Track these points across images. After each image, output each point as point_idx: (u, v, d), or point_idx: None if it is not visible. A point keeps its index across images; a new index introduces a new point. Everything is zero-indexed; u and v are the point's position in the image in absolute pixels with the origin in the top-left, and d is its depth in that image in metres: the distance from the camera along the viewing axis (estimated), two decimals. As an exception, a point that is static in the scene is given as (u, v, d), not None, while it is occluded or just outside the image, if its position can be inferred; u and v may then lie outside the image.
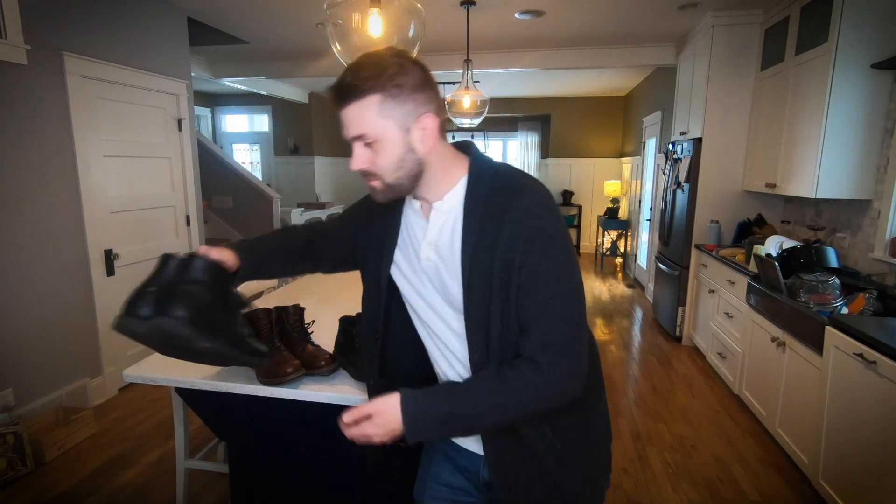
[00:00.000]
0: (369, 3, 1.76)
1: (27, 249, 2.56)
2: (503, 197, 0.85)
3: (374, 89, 0.80)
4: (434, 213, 0.91)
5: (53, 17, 2.65)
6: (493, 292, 0.83)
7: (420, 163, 0.86)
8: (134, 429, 2.70)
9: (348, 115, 0.83)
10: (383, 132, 0.82)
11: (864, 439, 1.84)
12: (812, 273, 2.41)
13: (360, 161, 0.85)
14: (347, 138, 0.85)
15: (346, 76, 0.82)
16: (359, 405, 0.86)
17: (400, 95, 0.82)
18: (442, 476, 1.05)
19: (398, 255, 0.98)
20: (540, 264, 0.81)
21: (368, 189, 0.91)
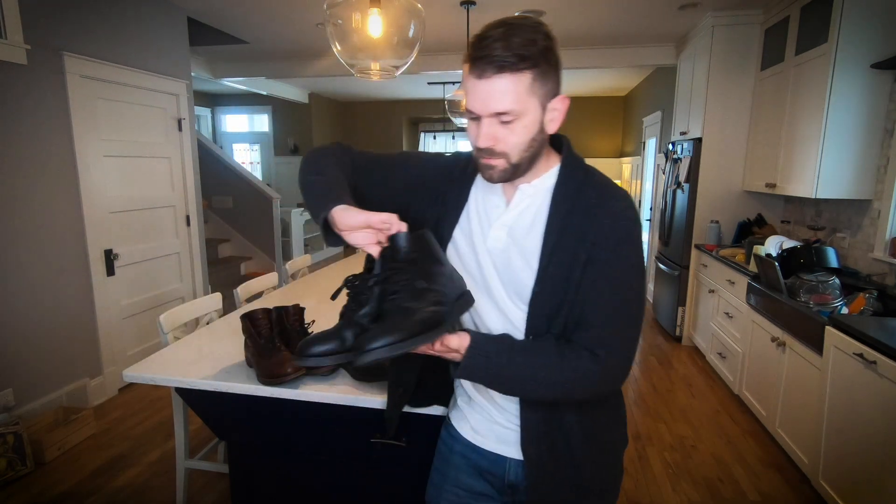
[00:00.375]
0: (369, 3, 1.76)
1: (27, 249, 2.56)
2: (595, 193, 0.85)
3: (530, 65, 0.76)
4: (518, 194, 0.89)
5: (53, 17, 2.65)
6: (570, 282, 0.83)
7: (543, 144, 0.85)
8: (134, 429, 2.70)
9: (495, 88, 0.76)
10: (527, 110, 0.79)
11: (864, 439, 1.84)
12: (812, 273, 2.41)
13: (489, 138, 0.80)
14: (480, 112, 0.79)
15: (494, 46, 0.75)
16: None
17: (548, 72, 0.79)
18: (462, 480, 1.02)
19: (457, 232, 0.95)
20: (621, 266, 0.83)
21: (482, 168, 0.86)
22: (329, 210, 0.85)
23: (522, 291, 0.87)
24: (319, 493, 1.50)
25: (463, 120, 4.18)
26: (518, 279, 0.88)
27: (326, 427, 1.41)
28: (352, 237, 0.85)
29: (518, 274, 0.87)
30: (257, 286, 2.41)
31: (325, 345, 0.80)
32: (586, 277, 0.83)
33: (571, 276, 0.83)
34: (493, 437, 0.98)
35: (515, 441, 0.95)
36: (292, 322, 1.49)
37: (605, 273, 0.83)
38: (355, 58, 1.87)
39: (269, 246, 5.72)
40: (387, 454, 1.39)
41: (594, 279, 0.83)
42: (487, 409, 0.97)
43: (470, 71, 0.79)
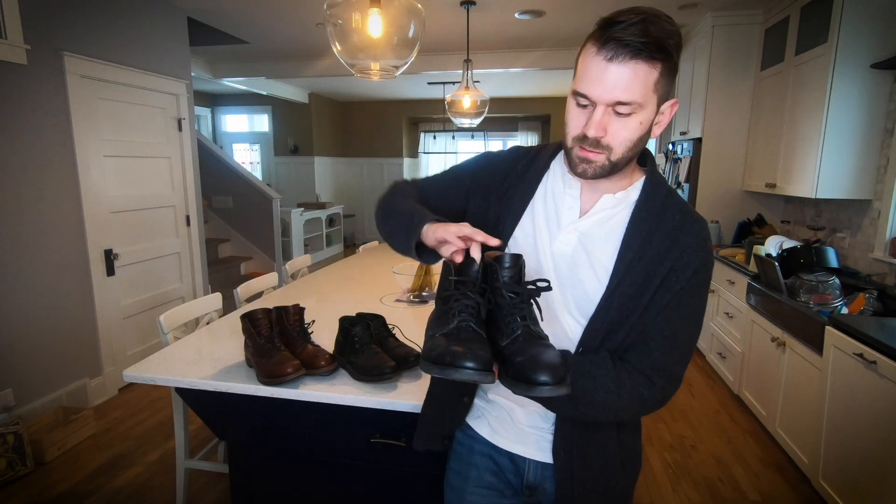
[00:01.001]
0: (369, 3, 1.75)
1: (27, 249, 2.56)
2: (679, 217, 0.83)
3: (664, 57, 0.72)
4: (602, 202, 0.86)
5: (53, 17, 2.65)
6: (638, 302, 0.81)
7: (643, 147, 0.81)
8: (134, 429, 2.70)
9: (626, 74, 0.71)
10: (646, 106, 0.75)
11: (864, 439, 1.84)
12: (812, 273, 2.40)
13: (601, 128, 0.75)
14: (599, 99, 0.74)
15: (632, 29, 0.69)
16: None
17: (672, 71, 0.75)
18: (485, 479, 1.00)
19: (518, 231, 0.91)
20: (691, 296, 0.82)
21: (576, 162, 0.80)
22: (417, 237, 0.82)
23: (583, 303, 0.84)
24: (319, 493, 1.50)
25: (463, 120, 4.18)
26: (582, 289, 0.85)
27: (326, 427, 1.41)
28: (444, 249, 0.80)
29: (583, 284, 0.84)
30: (257, 286, 2.41)
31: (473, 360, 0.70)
32: (655, 302, 0.81)
33: (641, 298, 0.81)
34: (513, 438, 0.96)
35: (535, 442, 0.94)
36: (292, 322, 1.49)
37: (676, 301, 0.81)
38: (355, 58, 1.87)
39: (269, 246, 5.72)
40: (387, 454, 1.39)
41: (664, 305, 0.81)
42: (509, 409, 0.96)
43: (598, 52, 0.73)
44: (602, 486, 0.92)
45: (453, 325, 0.75)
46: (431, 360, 0.71)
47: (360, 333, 1.40)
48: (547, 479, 0.95)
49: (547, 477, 0.95)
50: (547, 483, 0.95)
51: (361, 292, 2.31)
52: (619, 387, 0.80)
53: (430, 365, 0.71)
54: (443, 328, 0.76)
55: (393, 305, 2.09)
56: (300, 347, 1.43)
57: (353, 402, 1.28)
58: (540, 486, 0.96)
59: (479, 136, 8.60)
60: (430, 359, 0.72)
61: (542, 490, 0.96)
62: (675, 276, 0.81)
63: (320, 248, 7.36)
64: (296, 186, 7.85)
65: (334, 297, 2.24)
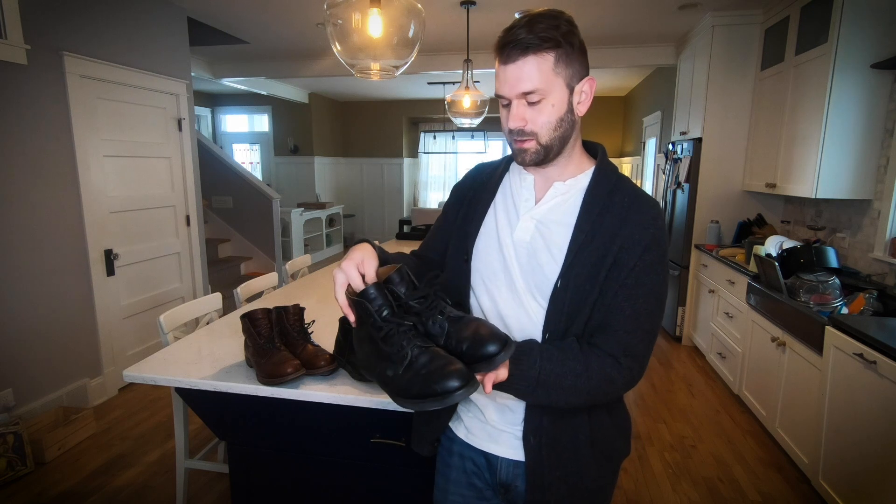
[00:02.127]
0: (369, 3, 1.75)
1: (27, 249, 2.56)
2: (627, 199, 0.88)
3: (552, 45, 0.81)
4: (552, 190, 0.92)
5: (53, 17, 2.65)
6: (594, 282, 0.85)
7: (573, 125, 0.88)
8: (134, 429, 2.70)
9: (520, 70, 0.81)
10: (553, 89, 0.83)
11: (864, 439, 1.84)
12: (812, 273, 2.41)
13: (519, 119, 0.85)
14: (508, 95, 0.84)
15: (518, 32, 0.80)
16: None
17: (571, 54, 0.83)
18: (462, 480, 1.03)
19: (482, 228, 0.98)
20: (647, 274, 0.85)
21: (516, 152, 0.89)
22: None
23: (543, 286, 0.88)
24: (319, 492, 1.50)
25: (463, 120, 4.18)
26: (541, 273, 0.88)
27: (326, 427, 1.41)
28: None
29: (542, 268, 0.88)
30: (257, 286, 2.41)
31: (454, 376, 0.75)
32: (611, 281, 0.85)
33: (596, 277, 0.84)
34: (486, 437, 0.98)
35: (507, 441, 0.96)
36: (292, 322, 1.48)
37: (633, 280, 0.84)
38: (355, 58, 1.87)
39: (269, 246, 5.72)
40: (387, 454, 1.39)
41: (620, 284, 0.84)
42: (482, 407, 0.98)
43: (497, 58, 0.84)
44: (574, 478, 0.93)
45: (411, 355, 0.78)
46: (413, 396, 0.75)
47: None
48: (518, 477, 0.96)
49: (518, 475, 0.96)
50: (519, 481, 0.97)
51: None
52: (587, 369, 0.83)
53: (420, 401, 0.75)
54: (399, 364, 0.78)
55: (393, 305, 2.09)
56: (300, 347, 1.43)
57: (353, 402, 1.28)
58: (512, 484, 0.97)
59: (479, 135, 8.60)
60: (411, 395, 0.76)
61: (514, 488, 0.98)
62: (627, 254, 0.84)
63: (320, 248, 7.36)
64: (296, 186, 7.85)
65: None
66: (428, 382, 0.74)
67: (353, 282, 0.83)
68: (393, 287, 0.82)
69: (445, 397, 0.73)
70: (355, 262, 0.85)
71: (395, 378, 0.78)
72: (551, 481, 0.92)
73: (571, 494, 0.93)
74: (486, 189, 1.01)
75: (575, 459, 0.92)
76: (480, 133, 8.53)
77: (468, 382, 0.73)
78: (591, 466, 0.93)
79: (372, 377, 0.84)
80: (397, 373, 0.78)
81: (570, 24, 0.83)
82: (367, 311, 0.80)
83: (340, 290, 0.83)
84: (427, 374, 0.75)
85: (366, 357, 0.84)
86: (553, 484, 0.92)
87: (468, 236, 0.98)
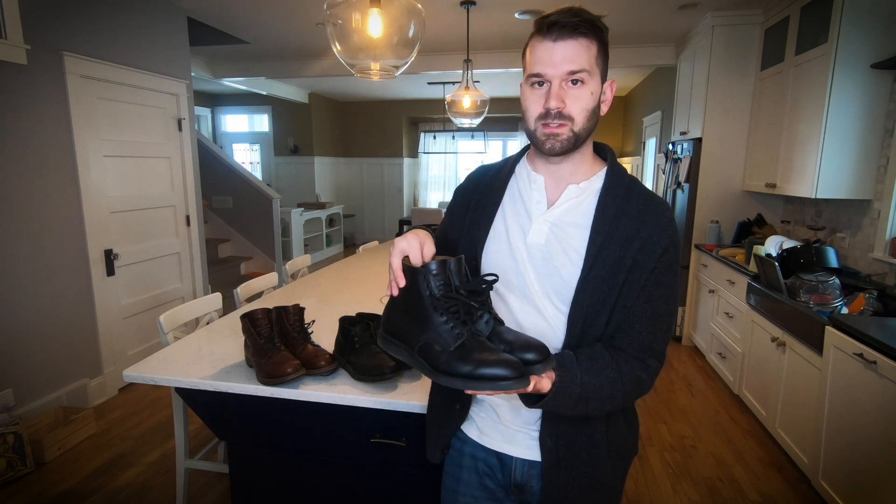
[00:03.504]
0: (369, 3, 1.75)
1: (27, 249, 2.56)
2: (642, 200, 0.89)
3: (598, 36, 0.84)
4: (566, 192, 0.91)
5: (53, 17, 2.65)
6: (613, 284, 0.85)
7: (597, 122, 0.89)
8: (134, 429, 2.70)
9: (572, 49, 0.82)
10: (594, 76, 0.84)
11: (864, 439, 1.84)
12: (812, 273, 2.41)
13: (559, 99, 0.83)
14: (553, 75, 0.83)
15: (572, 16, 0.82)
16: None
17: (605, 52, 0.87)
18: (474, 481, 1.02)
19: (491, 233, 0.97)
20: (665, 275, 0.86)
21: (543, 139, 0.86)
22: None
23: (561, 290, 0.88)
24: (319, 493, 1.50)
25: (463, 120, 4.18)
26: (559, 277, 0.88)
27: (326, 427, 1.41)
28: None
29: (560, 271, 0.88)
30: (257, 286, 2.41)
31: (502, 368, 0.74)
32: (631, 283, 0.85)
33: (614, 279, 0.85)
34: (500, 437, 0.97)
35: (522, 440, 0.95)
36: (292, 322, 1.48)
37: (654, 281, 0.85)
38: (355, 58, 1.87)
39: (269, 246, 5.72)
40: (387, 454, 1.39)
41: (641, 286, 0.85)
42: (495, 407, 0.97)
43: (544, 37, 0.83)
44: (590, 478, 0.93)
45: (467, 335, 0.78)
46: (461, 375, 0.75)
47: (360, 333, 1.40)
48: (534, 478, 0.96)
49: (534, 475, 0.96)
50: (534, 481, 0.96)
51: (361, 292, 2.31)
52: (621, 374, 0.84)
53: (466, 381, 0.74)
54: (452, 341, 0.78)
55: (393, 305, 2.09)
56: (300, 347, 1.43)
57: (353, 402, 1.28)
58: (527, 484, 0.97)
59: (479, 135, 8.60)
60: (457, 374, 0.75)
61: (529, 489, 0.97)
62: (646, 256, 0.85)
63: (320, 248, 7.36)
64: (296, 186, 7.85)
65: (334, 297, 2.24)
66: (480, 366, 0.74)
67: (413, 255, 0.84)
68: (449, 273, 0.82)
69: (496, 382, 0.72)
70: (419, 240, 0.86)
71: (442, 354, 0.77)
72: (567, 481, 0.92)
73: (586, 494, 0.93)
74: (491, 191, 0.99)
75: (590, 460, 0.92)
76: (480, 133, 8.53)
77: (521, 375, 0.73)
78: (605, 466, 0.93)
79: (400, 350, 0.83)
80: (447, 349, 0.77)
81: (606, 28, 0.87)
82: (427, 283, 0.80)
83: (398, 256, 0.83)
84: (480, 359, 0.74)
85: (404, 327, 0.83)
86: (568, 484, 0.92)
87: (476, 241, 0.96)
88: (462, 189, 1.06)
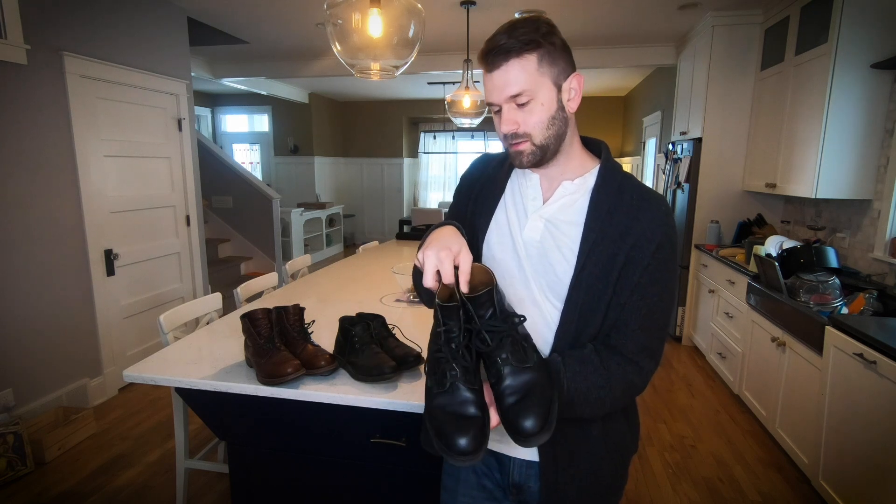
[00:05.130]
0: (369, 3, 1.75)
1: (27, 249, 2.56)
2: (636, 196, 0.88)
3: (534, 46, 0.81)
4: (560, 189, 0.92)
5: (53, 17, 2.65)
6: (607, 282, 0.85)
7: (566, 122, 0.88)
8: (134, 429, 2.70)
9: (506, 75, 0.83)
10: (540, 89, 0.83)
11: (864, 439, 1.84)
12: (812, 273, 2.40)
13: (511, 123, 0.85)
14: (498, 102, 0.85)
15: (499, 38, 0.82)
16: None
17: (554, 53, 0.84)
18: (472, 481, 1.02)
19: (493, 224, 0.97)
20: (660, 271, 0.85)
21: (512, 156, 0.89)
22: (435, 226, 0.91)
23: (556, 286, 0.88)
24: (319, 493, 1.50)
25: (463, 120, 4.18)
26: (553, 273, 0.88)
27: (326, 427, 1.41)
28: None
29: (554, 268, 0.88)
30: (257, 286, 2.41)
31: (466, 436, 0.73)
32: (625, 280, 0.85)
33: (608, 276, 0.84)
34: (497, 438, 0.97)
35: None
36: (292, 322, 1.48)
37: (648, 279, 0.84)
38: (355, 58, 1.87)
39: (269, 246, 5.72)
40: (387, 454, 1.39)
41: (635, 283, 0.84)
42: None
43: (483, 68, 0.86)
44: (588, 476, 0.93)
45: (450, 383, 0.78)
46: (431, 426, 0.76)
47: (360, 333, 1.40)
48: (531, 478, 0.96)
49: (531, 475, 0.96)
50: (532, 481, 0.96)
51: (361, 292, 2.31)
52: (610, 380, 0.83)
53: (432, 435, 0.76)
54: (439, 385, 0.78)
55: (393, 305, 2.09)
56: (300, 347, 1.43)
57: (353, 402, 1.28)
58: (525, 484, 0.97)
59: (479, 135, 8.60)
60: (429, 424, 0.77)
61: (527, 489, 0.97)
62: (639, 252, 0.84)
63: (320, 248, 7.36)
64: (296, 186, 7.85)
65: (334, 297, 2.24)
66: (444, 423, 0.74)
67: (445, 273, 0.79)
68: (477, 306, 0.78)
69: (447, 451, 0.73)
70: (453, 253, 0.80)
71: (429, 390, 0.79)
72: (565, 480, 0.92)
73: (585, 492, 0.93)
74: (494, 182, 1.00)
75: (588, 458, 0.92)
76: (480, 133, 8.53)
77: (474, 453, 0.72)
78: (604, 464, 0.93)
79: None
80: (432, 389, 0.79)
81: (550, 26, 0.84)
82: (437, 326, 0.79)
83: (433, 278, 0.79)
84: (450, 414, 0.75)
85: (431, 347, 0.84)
86: (567, 483, 0.92)
87: (478, 230, 0.97)
88: (466, 177, 1.07)
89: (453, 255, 0.80)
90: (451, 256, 0.80)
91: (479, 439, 0.73)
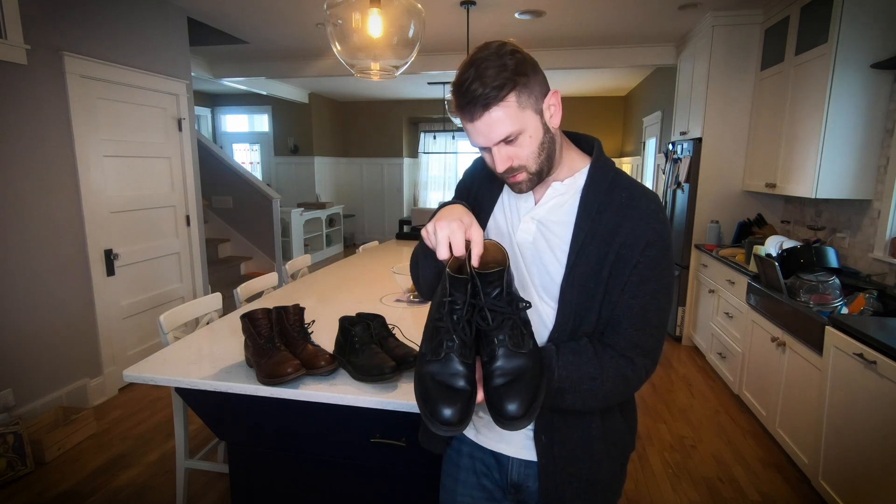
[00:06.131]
0: (369, 3, 1.76)
1: (27, 249, 2.56)
2: (626, 194, 0.87)
3: (510, 87, 0.79)
4: (550, 190, 0.92)
5: (53, 17, 2.65)
6: (598, 280, 0.85)
7: (554, 141, 0.88)
8: (134, 429, 2.70)
9: (490, 122, 0.81)
10: (525, 123, 0.83)
11: (864, 439, 1.84)
12: (812, 273, 2.40)
13: (505, 160, 0.85)
14: (487, 145, 0.84)
15: (473, 88, 0.79)
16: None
17: (528, 84, 0.82)
18: (471, 481, 1.03)
19: (490, 224, 0.98)
20: (651, 269, 0.84)
21: (511, 186, 0.90)
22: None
23: (550, 286, 0.89)
24: (319, 493, 1.50)
25: (463, 120, 4.18)
26: (547, 274, 0.89)
27: (326, 427, 1.41)
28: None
29: (547, 268, 0.89)
30: (257, 286, 2.41)
31: (452, 407, 0.74)
32: (616, 278, 0.84)
33: (600, 275, 0.84)
34: (496, 437, 0.98)
35: (518, 440, 0.95)
36: (292, 322, 1.48)
37: (638, 277, 0.84)
38: (355, 58, 1.87)
39: (269, 246, 5.72)
40: (387, 454, 1.39)
41: (626, 281, 0.84)
42: None
43: (462, 118, 0.84)
44: (586, 474, 0.93)
45: (445, 352, 0.78)
46: (417, 393, 0.78)
47: (360, 333, 1.40)
48: (530, 478, 0.96)
49: (530, 475, 0.96)
50: (530, 481, 0.96)
51: (361, 292, 2.31)
52: (602, 372, 0.83)
53: (418, 402, 0.77)
54: (434, 352, 0.79)
55: (393, 305, 2.09)
56: (300, 347, 1.43)
57: (353, 402, 1.28)
58: (524, 484, 0.97)
59: (479, 136, 8.59)
60: (416, 391, 0.78)
61: (526, 489, 0.97)
62: (629, 250, 0.84)
63: (320, 248, 7.36)
64: (296, 186, 7.85)
65: (334, 297, 2.24)
66: (432, 390, 0.75)
67: (457, 246, 0.80)
68: (486, 283, 0.78)
69: (430, 419, 0.73)
70: (465, 226, 0.81)
71: (423, 355, 0.80)
72: (564, 479, 0.92)
73: (584, 491, 0.93)
74: (493, 183, 1.01)
75: (586, 456, 0.92)
76: (480, 133, 8.52)
77: (457, 424, 0.72)
78: (602, 462, 0.93)
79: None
80: (426, 355, 0.79)
81: (514, 54, 0.80)
82: (443, 295, 0.79)
83: (445, 249, 0.80)
84: (439, 383, 0.75)
85: (432, 311, 0.84)
86: (566, 481, 0.92)
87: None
88: (467, 176, 1.08)
89: (465, 227, 0.81)
90: (463, 229, 0.80)
91: (463, 412, 0.74)
